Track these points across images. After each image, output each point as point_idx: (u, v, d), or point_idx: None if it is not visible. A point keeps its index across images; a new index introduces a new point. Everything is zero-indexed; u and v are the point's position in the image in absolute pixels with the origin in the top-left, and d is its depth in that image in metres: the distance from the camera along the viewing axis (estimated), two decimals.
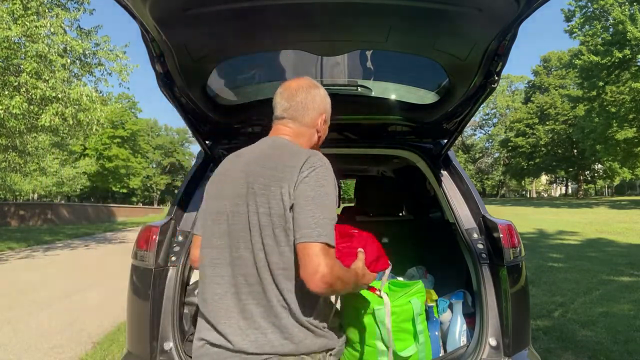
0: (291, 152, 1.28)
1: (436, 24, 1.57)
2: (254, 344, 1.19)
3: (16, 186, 27.22)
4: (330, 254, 1.16)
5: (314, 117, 1.41)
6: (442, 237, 2.66)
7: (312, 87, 1.42)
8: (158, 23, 1.42)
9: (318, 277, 1.11)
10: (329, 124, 1.49)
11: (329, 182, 1.23)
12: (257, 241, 1.21)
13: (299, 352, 1.21)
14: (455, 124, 2.28)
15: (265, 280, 1.21)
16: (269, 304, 1.20)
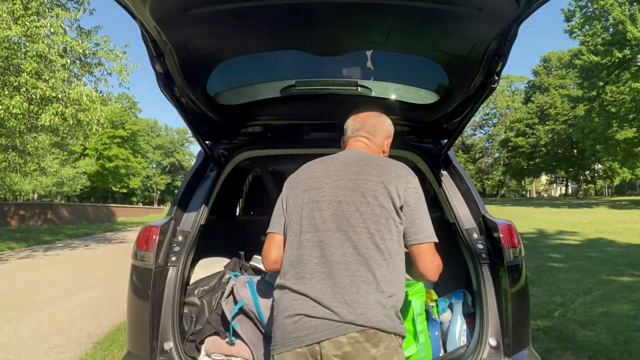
0: (390, 161, 1.53)
1: (436, 24, 1.57)
2: (361, 317, 1.29)
3: (16, 186, 27.25)
4: (436, 251, 1.47)
5: (382, 138, 1.68)
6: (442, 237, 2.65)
7: (381, 115, 1.73)
8: (158, 23, 1.41)
9: (436, 270, 1.46)
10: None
11: (422, 192, 1.50)
12: (371, 226, 1.38)
13: (393, 331, 1.34)
14: (455, 124, 2.28)
15: (374, 262, 1.36)
16: (376, 282, 1.34)
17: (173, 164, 65.12)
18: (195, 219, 2.17)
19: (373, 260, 1.35)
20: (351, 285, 1.32)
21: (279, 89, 2.21)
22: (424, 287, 2.09)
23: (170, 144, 65.54)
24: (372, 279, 1.33)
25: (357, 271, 1.34)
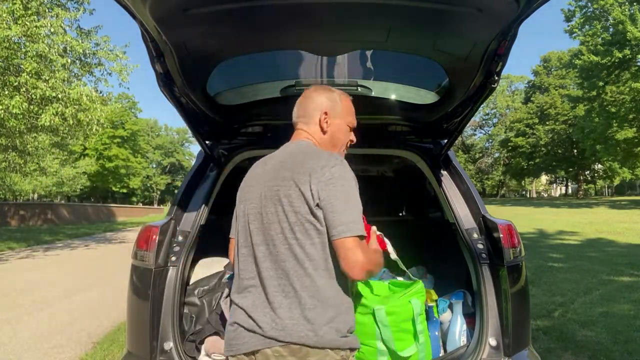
0: (310, 154, 1.40)
1: (436, 24, 1.57)
2: (282, 333, 1.28)
3: (16, 186, 27.25)
4: (363, 245, 1.29)
5: (317, 117, 1.53)
6: (442, 237, 2.66)
7: (311, 92, 1.57)
8: (158, 23, 1.41)
9: (358, 268, 1.25)
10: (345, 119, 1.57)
11: (349, 178, 1.35)
12: (289, 236, 1.32)
13: (321, 346, 1.28)
14: (455, 124, 2.28)
15: (294, 274, 1.31)
16: (297, 296, 1.30)
17: (173, 164, 65.12)
18: (195, 219, 2.17)
19: (292, 272, 1.31)
20: (274, 300, 1.32)
21: (279, 89, 2.22)
22: (424, 287, 2.09)
23: (170, 144, 65.54)
24: (292, 293, 1.30)
25: (279, 286, 1.32)
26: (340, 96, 1.57)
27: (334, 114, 1.54)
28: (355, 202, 1.33)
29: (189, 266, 2.13)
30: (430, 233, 3.19)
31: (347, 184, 1.34)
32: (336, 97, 1.56)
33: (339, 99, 1.56)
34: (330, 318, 1.30)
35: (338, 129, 1.55)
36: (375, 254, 1.41)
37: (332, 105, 1.55)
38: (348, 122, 1.57)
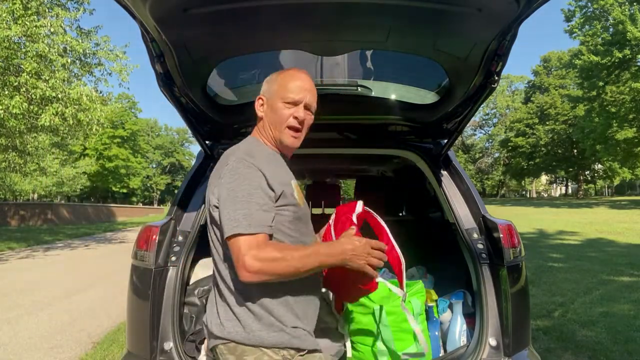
0: (227, 156, 1.39)
1: (436, 24, 1.57)
2: (218, 330, 1.34)
3: (16, 186, 27.24)
4: (251, 243, 1.21)
5: (256, 106, 1.49)
6: (442, 237, 2.66)
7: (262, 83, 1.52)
8: (158, 23, 1.41)
9: (241, 268, 1.21)
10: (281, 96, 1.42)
11: (238, 175, 1.29)
12: (213, 239, 1.39)
13: (253, 343, 1.29)
14: (455, 124, 2.28)
15: (217, 275, 1.39)
16: (225, 294, 1.35)
17: (173, 164, 65.11)
18: (195, 219, 2.17)
19: (216, 273, 1.39)
20: (214, 299, 1.41)
21: None
22: (424, 287, 2.10)
23: (170, 144, 65.52)
24: (223, 292, 1.36)
25: (216, 285, 1.41)
26: (279, 74, 1.46)
27: (268, 96, 1.45)
28: (244, 199, 1.25)
29: (189, 266, 2.13)
30: (430, 233, 3.18)
31: (237, 181, 1.27)
32: (273, 77, 1.46)
33: (276, 77, 1.45)
34: (260, 316, 1.30)
35: (271, 109, 1.43)
36: (279, 261, 1.22)
37: (267, 88, 1.47)
38: (283, 97, 1.41)
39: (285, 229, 1.35)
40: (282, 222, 1.34)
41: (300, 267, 1.23)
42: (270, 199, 1.30)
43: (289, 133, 1.43)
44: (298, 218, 1.39)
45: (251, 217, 1.23)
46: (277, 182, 1.33)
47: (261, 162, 1.33)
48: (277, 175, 1.36)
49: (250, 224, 1.22)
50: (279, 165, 1.44)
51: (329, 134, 2.61)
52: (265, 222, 1.26)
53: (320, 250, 1.31)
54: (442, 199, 2.36)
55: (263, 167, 1.32)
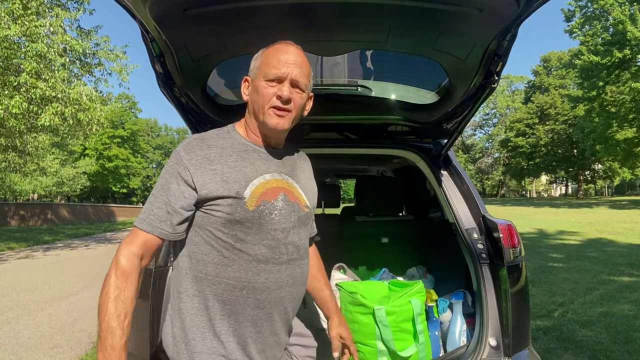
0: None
1: (436, 24, 1.57)
2: None
3: (16, 186, 27.24)
4: (129, 239, 1.19)
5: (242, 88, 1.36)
6: (442, 237, 2.66)
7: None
8: (158, 23, 1.41)
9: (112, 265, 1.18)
10: (263, 73, 1.26)
11: (165, 168, 1.25)
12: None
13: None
14: (455, 124, 2.27)
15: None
16: None
17: None
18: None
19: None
20: None
21: None
22: (423, 287, 2.10)
23: (170, 144, 65.52)
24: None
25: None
26: (264, 50, 1.31)
27: (252, 76, 1.30)
28: (154, 194, 1.21)
29: None
30: (430, 233, 3.18)
31: (162, 173, 1.23)
32: (258, 54, 1.32)
33: (261, 53, 1.31)
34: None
35: (254, 90, 1.27)
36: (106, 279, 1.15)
37: (252, 66, 1.31)
38: (266, 75, 1.24)
39: (216, 232, 1.20)
40: (211, 224, 1.21)
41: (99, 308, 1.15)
42: (186, 198, 1.19)
43: (272, 112, 1.24)
44: (236, 221, 1.19)
45: (150, 213, 1.19)
46: (216, 179, 1.19)
47: (199, 156, 1.22)
48: (225, 170, 1.21)
49: (144, 219, 1.19)
50: (246, 159, 1.27)
51: (329, 134, 2.61)
52: (161, 223, 1.18)
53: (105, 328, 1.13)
54: (442, 199, 2.36)
55: (196, 161, 1.20)
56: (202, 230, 1.22)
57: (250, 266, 1.20)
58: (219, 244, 1.20)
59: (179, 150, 1.24)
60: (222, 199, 1.19)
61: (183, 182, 1.19)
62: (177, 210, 1.18)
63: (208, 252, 1.21)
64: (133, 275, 1.16)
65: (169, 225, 1.19)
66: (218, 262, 1.20)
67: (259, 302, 1.21)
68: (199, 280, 1.21)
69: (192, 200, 1.19)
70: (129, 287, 1.15)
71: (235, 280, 1.19)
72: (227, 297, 1.20)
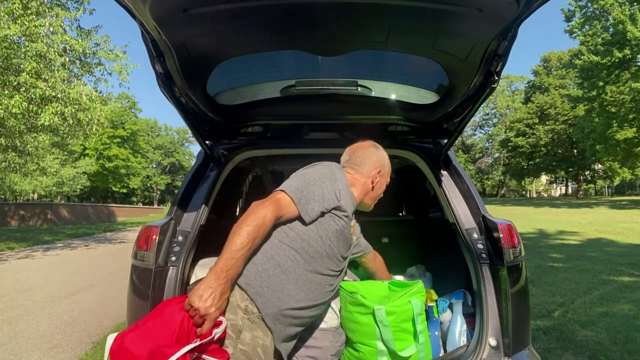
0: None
1: (436, 24, 1.57)
2: None
3: (16, 186, 27.26)
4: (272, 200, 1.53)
5: (369, 170, 1.81)
6: (442, 237, 2.66)
7: (370, 147, 1.87)
8: (158, 23, 1.41)
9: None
10: (387, 180, 1.89)
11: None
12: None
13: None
14: (455, 124, 2.28)
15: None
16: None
17: (173, 164, 65.12)
18: (195, 219, 2.17)
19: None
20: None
21: (279, 89, 2.22)
22: (423, 287, 2.09)
23: (170, 144, 65.54)
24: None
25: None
26: (387, 157, 1.90)
27: (383, 172, 1.85)
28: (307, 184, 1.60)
29: (189, 266, 2.13)
30: (430, 233, 3.19)
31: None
32: (386, 158, 1.88)
33: (388, 161, 1.88)
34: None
35: (380, 187, 1.84)
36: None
37: (383, 164, 1.87)
38: (387, 181, 1.88)
39: (330, 234, 1.60)
40: (331, 227, 1.61)
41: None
42: (330, 200, 1.59)
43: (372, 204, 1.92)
44: (344, 234, 1.65)
45: (301, 191, 1.57)
46: (349, 200, 1.68)
47: (343, 180, 1.70)
48: (351, 199, 1.72)
49: (295, 193, 1.57)
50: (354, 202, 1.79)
51: (329, 134, 2.61)
52: (307, 204, 1.55)
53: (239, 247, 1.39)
54: (442, 199, 2.36)
55: (342, 182, 1.67)
56: (321, 225, 1.57)
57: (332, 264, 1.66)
58: (326, 241, 1.59)
59: (333, 167, 1.68)
60: (346, 214, 1.62)
61: (332, 189, 1.58)
62: (321, 203, 1.54)
63: (316, 240, 1.57)
64: (268, 230, 1.46)
65: (311, 209, 1.52)
66: (320, 250, 1.58)
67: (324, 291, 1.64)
68: (299, 252, 1.53)
69: (333, 204, 1.57)
70: (262, 235, 1.44)
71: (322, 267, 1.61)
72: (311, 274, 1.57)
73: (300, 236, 1.53)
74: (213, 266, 1.34)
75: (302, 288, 1.51)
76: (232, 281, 1.37)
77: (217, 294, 1.29)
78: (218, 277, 1.31)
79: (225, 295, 1.32)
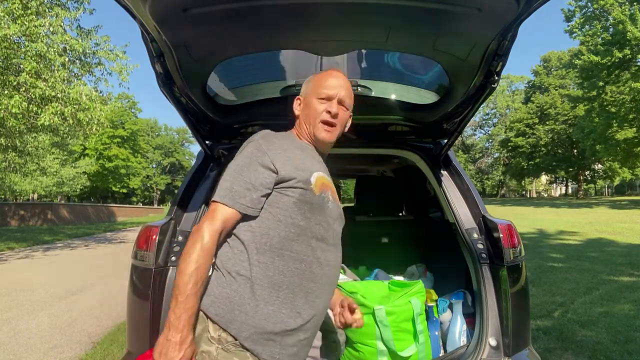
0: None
1: (436, 24, 1.57)
2: None
3: (16, 186, 27.25)
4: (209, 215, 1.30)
5: (296, 104, 1.57)
6: (442, 237, 2.66)
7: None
8: (158, 23, 1.41)
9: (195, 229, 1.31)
10: (317, 93, 1.48)
11: (241, 153, 1.39)
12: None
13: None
14: (455, 124, 2.28)
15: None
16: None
17: (173, 164, 65.11)
18: (195, 219, 2.17)
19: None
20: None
21: (279, 89, 2.22)
22: (423, 287, 2.10)
23: (170, 144, 65.52)
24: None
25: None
26: (315, 74, 1.55)
27: (304, 94, 1.53)
28: (235, 172, 1.34)
29: None
30: (430, 233, 3.19)
31: (238, 157, 1.38)
32: (310, 78, 1.55)
33: (313, 77, 1.54)
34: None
35: (306, 106, 1.50)
36: (189, 250, 1.25)
37: (304, 88, 1.55)
38: (318, 94, 1.47)
39: (286, 210, 1.32)
40: (284, 202, 1.33)
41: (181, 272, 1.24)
42: (265, 178, 1.32)
43: (322, 127, 1.46)
44: (307, 202, 1.33)
45: (230, 190, 1.30)
46: (290, 164, 1.34)
47: (275, 145, 1.37)
48: (295, 159, 1.37)
49: (225, 195, 1.30)
50: (307, 154, 1.44)
51: None
52: (241, 199, 1.29)
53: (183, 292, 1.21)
54: (442, 199, 2.36)
55: (274, 148, 1.36)
56: (272, 208, 1.33)
57: (311, 242, 1.33)
58: (287, 220, 1.31)
59: (258, 139, 1.38)
60: (295, 181, 1.33)
61: (263, 166, 1.32)
62: (257, 187, 1.31)
63: (275, 227, 1.31)
64: (213, 250, 1.27)
65: (249, 200, 1.30)
66: (284, 236, 1.30)
67: (314, 276, 1.32)
68: (262, 252, 1.29)
69: (272, 180, 1.32)
70: (208, 260, 1.26)
71: (297, 253, 1.30)
72: (287, 268, 1.29)
73: (258, 232, 1.30)
74: (168, 317, 1.22)
75: (281, 292, 1.28)
76: (192, 321, 1.23)
77: (177, 344, 1.19)
78: (174, 328, 1.20)
79: (186, 341, 1.20)
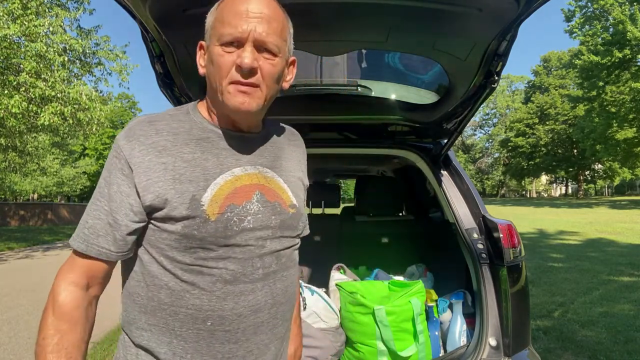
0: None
1: (436, 24, 1.57)
2: None
3: (16, 186, 27.27)
4: (66, 262, 0.91)
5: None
6: (442, 237, 2.66)
7: None
8: (158, 23, 1.41)
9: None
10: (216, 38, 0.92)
11: (105, 165, 0.92)
12: None
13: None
14: (455, 124, 2.27)
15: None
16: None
17: None
18: None
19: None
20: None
21: None
22: (423, 287, 2.10)
23: None
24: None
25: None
26: (220, 2, 0.96)
27: (207, 39, 0.98)
28: (92, 202, 0.93)
29: None
30: (430, 233, 3.18)
31: (102, 172, 0.92)
32: (212, 9, 0.99)
33: (215, 7, 0.97)
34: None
35: (209, 59, 0.95)
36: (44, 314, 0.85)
37: (206, 27, 0.99)
38: (220, 37, 0.89)
39: (168, 250, 0.88)
40: (162, 240, 0.88)
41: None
42: (131, 204, 0.87)
43: (233, 89, 0.88)
44: (192, 237, 0.86)
45: (84, 226, 0.92)
46: (166, 177, 0.86)
47: (145, 145, 0.87)
48: (179, 166, 0.88)
49: (77, 236, 0.92)
50: (205, 150, 0.92)
51: (329, 134, 2.61)
52: (98, 239, 0.89)
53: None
54: (442, 199, 2.36)
55: (141, 153, 0.87)
56: (152, 247, 0.89)
57: (215, 289, 0.87)
58: (172, 265, 0.87)
59: (119, 138, 0.89)
60: (173, 206, 0.85)
61: (125, 182, 0.87)
62: (119, 221, 0.87)
63: (161, 275, 0.88)
64: (77, 313, 0.85)
65: (111, 242, 0.88)
66: (173, 286, 0.87)
67: (230, 335, 0.89)
68: (151, 311, 0.89)
69: (139, 206, 0.87)
70: (73, 329, 0.83)
71: (196, 310, 0.87)
72: (187, 331, 0.88)
73: (143, 283, 0.91)
74: None
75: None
76: None
77: None
78: None
79: None
